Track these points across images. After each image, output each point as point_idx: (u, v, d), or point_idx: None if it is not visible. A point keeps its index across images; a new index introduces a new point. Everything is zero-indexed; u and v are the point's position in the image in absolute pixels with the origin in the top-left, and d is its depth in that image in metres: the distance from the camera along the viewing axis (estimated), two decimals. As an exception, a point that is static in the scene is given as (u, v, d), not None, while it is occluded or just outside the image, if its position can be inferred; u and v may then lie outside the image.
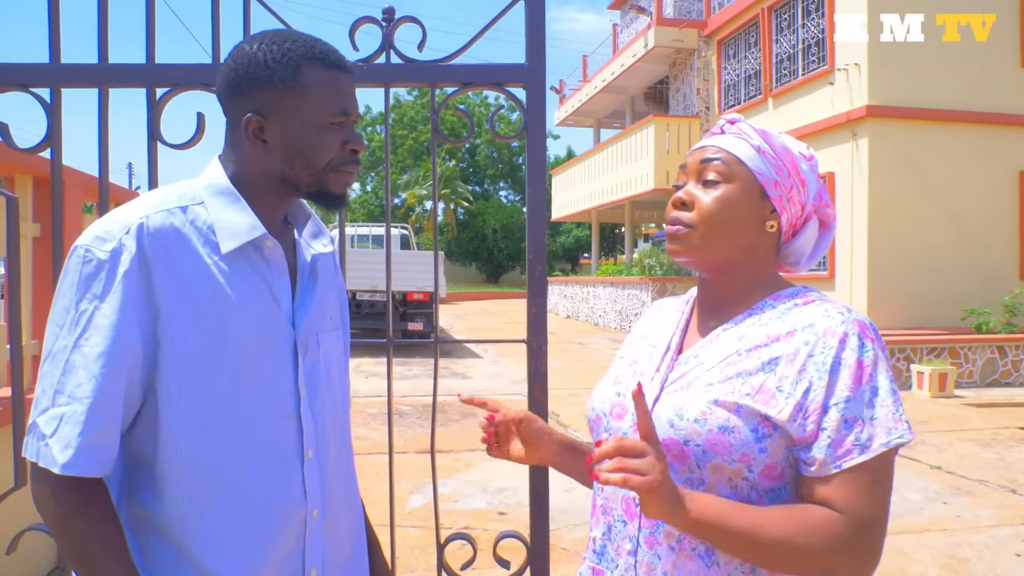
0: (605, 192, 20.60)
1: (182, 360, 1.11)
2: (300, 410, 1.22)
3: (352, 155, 1.22)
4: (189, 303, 1.11)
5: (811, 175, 1.23)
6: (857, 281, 11.68)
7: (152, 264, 1.10)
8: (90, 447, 1.06)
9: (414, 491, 5.23)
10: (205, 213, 1.16)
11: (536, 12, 1.90)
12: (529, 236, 1.93)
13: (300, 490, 1.21)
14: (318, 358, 1.27)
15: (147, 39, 1.85)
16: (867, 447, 1.06)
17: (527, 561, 1.95)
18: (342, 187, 1.23)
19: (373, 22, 1.88)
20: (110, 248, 1.09)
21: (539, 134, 1.92)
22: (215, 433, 1.14)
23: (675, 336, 1.28)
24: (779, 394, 1.10)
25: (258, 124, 1.17)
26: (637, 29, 20.76)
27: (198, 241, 1.14)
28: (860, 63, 11.66)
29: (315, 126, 1.17)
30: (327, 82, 1.18)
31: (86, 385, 1.06)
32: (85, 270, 1.09)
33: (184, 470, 1.13)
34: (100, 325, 1.07)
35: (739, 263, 1.22)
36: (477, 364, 12.34)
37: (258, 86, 1.16)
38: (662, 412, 1.16)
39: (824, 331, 1.11)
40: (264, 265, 1.20)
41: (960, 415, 8.44)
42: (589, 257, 35.62)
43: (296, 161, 1.19)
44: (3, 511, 1.89)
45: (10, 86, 1.81)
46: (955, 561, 4.19)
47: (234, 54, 1.19)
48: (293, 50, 1.17)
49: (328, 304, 1.34)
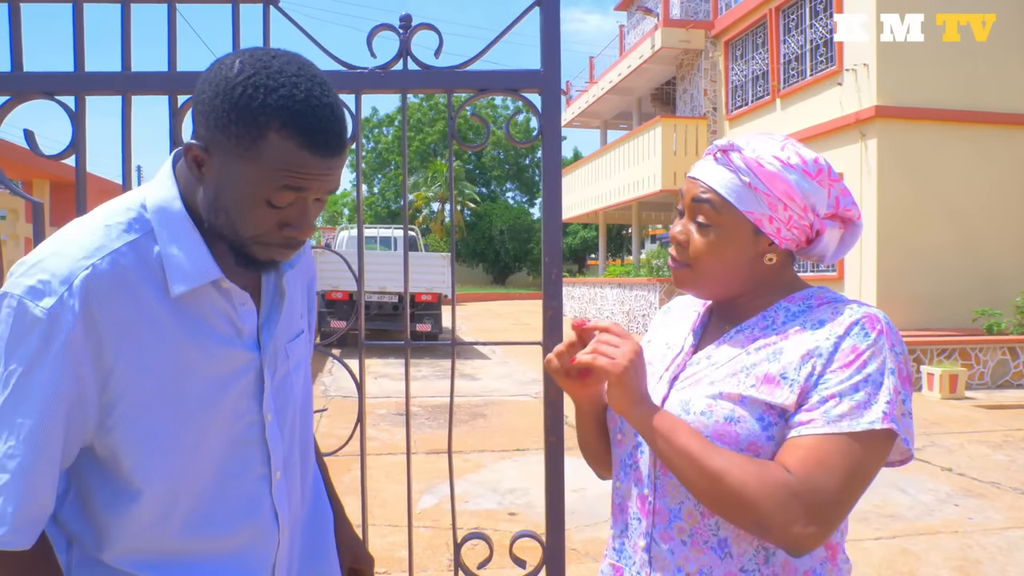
0: (612, 193, 20.59)
1: (140, 413, 1.02)
2: (266, 434, 1.15)
3: (288, 240, 1.04)
4: (143, 354, 1.01)
5: (817, 191, 1.16)
6: (866, 281, 11.66)
7: (99, 321, 0.97)
8: (24, 524, 0.97)
9: (425, 491, 5.25)
10: (156, 250, 1.02)
11: (551, 18, 1.92)
12: (545, 238, 1.95)
13: (271, 516, 1.18)
14: (288, 370, 1.20)
15: (168, 47, 1.88)
16: (834, 422, 1.05)
17: (543, 560, 1.97)
18: (267, 258, 1.06)
19: (391, 29, 1.91)
20: (48, 305, 0.94)
21: (555, 139, 1.94)
22: (181, 481, 1.07)
23: (689, 337, 1.29)
24: (783, 381, 1.10)
25: (198, 157, 1.00)
26: (644, 30, 20.76)
27: (148, 284, 1.01)
28: (869, 63, 11.64)
29: (253, 196, 0.98)
30: (291, 161, 0.96)
31: (20, 457, 0.95)
32: (18, 327, 0.95)
33: (145, 512, 1.06)
34: (32, 392, 0.95)
35: (744, 290, 1.23)
36: (485, 365, 12.36)
37: (215, 119, 0.96)
38: (670, 408, 1.18)
39: (833, 324, 1.12)
40: (223, 299, 1.08)
41: (971, 417, 8.41)
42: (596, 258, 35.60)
43: (219, 216, 1.02)
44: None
45: (36, 94, 1.84)
46: (967, 563, 4.18)
47: (215, 67, 1.00)
48: (272, 105, 0.94)
49: (298, 305, 1.26)
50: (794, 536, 1.03)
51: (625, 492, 1.27)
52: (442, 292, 13.88)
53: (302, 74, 0.97)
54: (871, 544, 4.45)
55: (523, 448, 6.62)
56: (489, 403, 8.80)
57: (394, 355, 10.48)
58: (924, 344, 10.36)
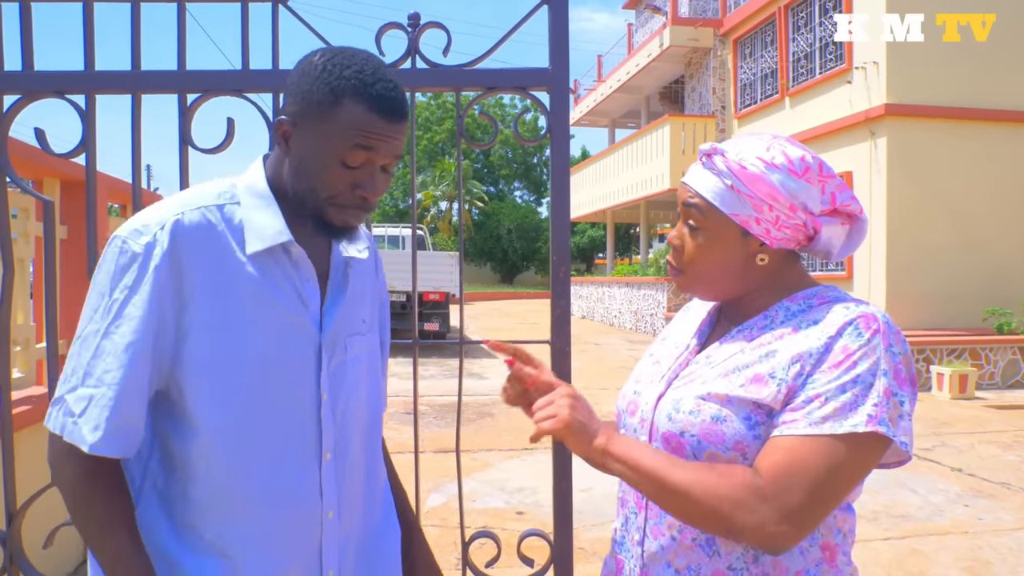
0: (620, 192, 20.57)
1: (205, 354, 1.14)
2: (321, 412, 1.23)
3: (360, 200, 1.19)
4: (216, 299, 1.15)
5: (806, 188, 1.15)
6: (875, 280, 11.61)
7: (183, 260, 1.13)
8: (117, 431, 1.11)
9: (432, 490, 5.26)
10: (239, 213, 1.19)
11: (559, 16, 1.92)
12: (553, 237, 1.95)
13: (316, 490, 1.23)
14: (345, 361, 1.28)
15: (178, 46, 1.88)
16: (816, 424, 1.05)
17: (551, 559, 1.97)
18: (342, 222, 1.20)
19: (399, 28, 1.91)
20: (144, 242, 1.12)
21: (563, 137, 1.94)
22: (233, 426, 1.16)
23: (695, 337, 1.30)
24: (771, 380, 1.10)
25: (286, 130, 1.18)
26: (652, 28, 20.73)
27: (230, 240, 1.17)
28: (879, 61, 11.59)
29: (330, 157, 1.15)
30: (362, 122, 1.13)
31: (114, 372, 1.10)
32: (120, 261, 1.13)
33: (205, 460, 1.16)
34: (130, 315, 1.11)
35: (741, 290, 1.23)
36: (493, 364, 12.37)
37: (301, 94, 1.15)
38: (663, 407, 1.20)
39: (827, 323, 1.11)
40: (292, 268, 1.21)
41: (981, 417, 8.37)
42: (604, 257, 35.58)
43: (301, 180, 1.18)
44: (39, 507, 1.94)
45: (47, 93, 1.85)
46: (977, 564, 4.16)
47: (302, 60, 1.19)
48: (348, 77, 1.13)
49: (361, 307, 1.35)
50: (767, 536, 1.03)
51: (626, 487, 1.28)
52: (450, 291, 13.89)
53: (369, 59, 1.18)
54: (881, 544, 4.43)
55: (531, 447, 6.62)
56: (497, 402, 8.80)
57: (402, 354, 10.50)
58: (934, 344, 10.32)
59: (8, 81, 1.85)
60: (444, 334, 13.98)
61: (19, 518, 1.88)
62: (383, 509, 1.43)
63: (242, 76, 1.90)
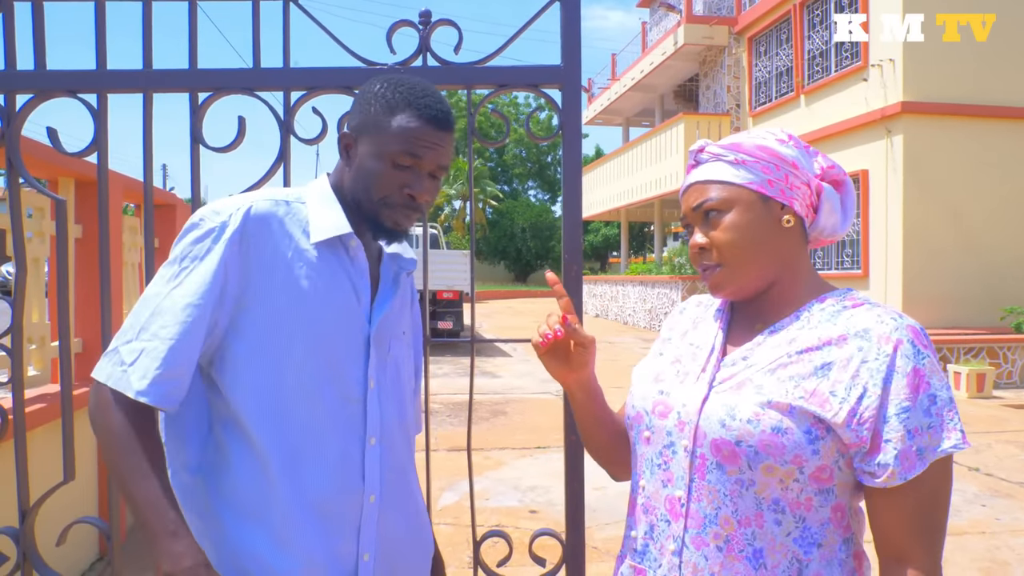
0: (634, 190, 20.51)
1: (263, 327, 1.24)
2: (367, 398, 1.31)
3: (408, 199, 1.31)
4: (277, 278, 1.26)
5: (799, 153, 1.21)
6: (892, 279, 11.52)
7: (252, 239, 1.25)
8: (163, 381, 1.18)
9: (446, 489, 5.26)
10: (305, 210, 1.32)
11: (571, 13, 1.91)
12: (565, 235, 1.94)
13: (359, 471, 1.30)
14: (387, 360, 1.37)
15: (189, 45, 1.89)
16: (925, 457, 1.06)
17: (563, 559, 1.96)
18: (391, 223, 1.32)
19: (410, 25, 1.90)
20: (219, 221, 1.25)
21: (575, 134, 1.93)
22: (282, 396, 1.25)
23: (718, 337, 1.27)
24: (833, 398, 1.08)
25: (349, 142, 1.34)
26: (666, 27, 20.65)
27: (295, 230, 1.29)
28: (895, 59, 11.49)
29: (383, 160, 1.29)
30: (410, 128, 1.28)
31: (170, 328, 1.19)
32: (195, 234, 1.24)
33: (253, 424, 1.24)
34: (193, 281, 1.21)
35: (778, 275, 1.21)
36: (507, 363, 12.37)
37: (362, 111, 1.32)
38: (712, 412, 1.15)
39: (878, 337, 1.09)
40: (349, 261, 1.33)
41: (999, 416, 8.29)
42: (618, 255, 35.48)
43: (359, 184, 1.32)
44: (52, 504, 1.95)
45: (59, 92, 1.86)
46: (995, 565, 4.12)
47: (366, 83, 1.37)
48: (402, 93, 1.30)
49: (403, 319, 1.46)
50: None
51: (652, 492, 1.23)
52: (463, 290, 13.91)
53: (422, 82, 1.36)
54: (896, 545, 4.38)
55: (544, 446, 6.61)
56: (510, 400, 8.81)
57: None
58: (951, 343, 10.23)
59: (20, 80, 1.85)
60: (458, 332, 14.00)
61: (32, 515, 1.89)
62: (420, 512, 1.48)
63: (253, 74, 1.90)
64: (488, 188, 43.06)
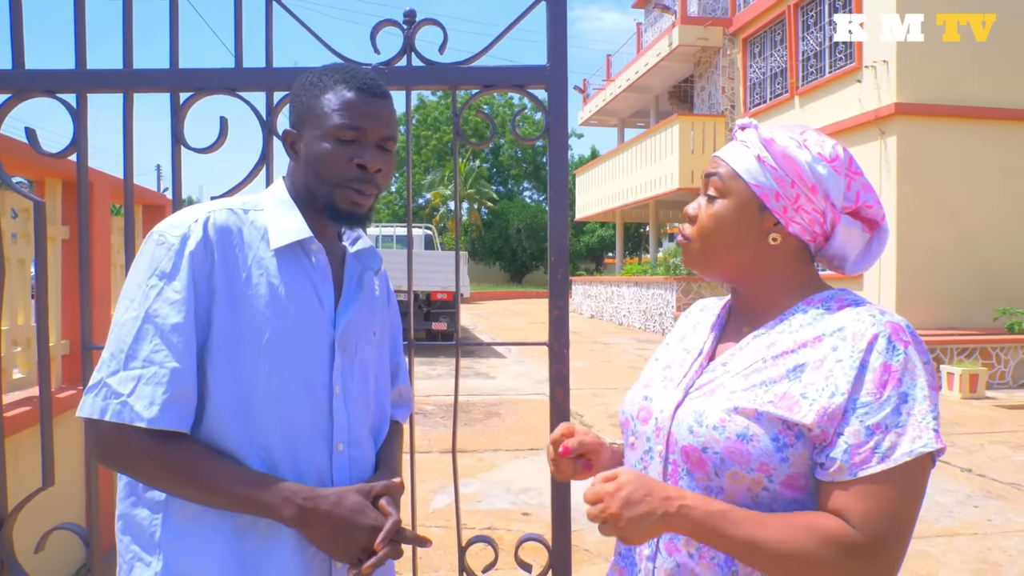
0: (629, 191, 20.50)
1: (230, 338, 1.22)
2: (333, 404, 1.29)
3: (359, 170, 1.28)
4: (241, 288, 1.23)
5: (834, 177, 1.13)
6: (886, 280, 11.52)
7: (214, 251, 1.23)
8: (174, 404, 1.16)
9: (438, 491, 5.23)
10: (262, 217, 1.30)
11: (557, 13, 1.89)
12: (551, 237, 1.92)
13: (327, 475, 1.28)
14: (353, 364, 1.35)
15: (171, 44, 1.86)
16: (888, 456, 1.00)
17: (548, 564, 1.94)
18: (348, 204, 1.29)
19: (394, 25, 1.89)
20: (179, 234, 1.22)
21: (561, 135, 1.91)
22: (255, 408, 1.22)
23: (708, 342, 1.25)
24: (803, 400, 1.05)
25: (293, 138, 1.32)
26: (661, 28, 20.65)
27: (253, 239, 1.27)
28: (888, 60, 11.50)
29: (326, 139, 1.27)
30: (345, 101, 1.27)
31: (164, 351, 1.16)
32: (158, 252, 1.21)
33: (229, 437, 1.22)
34: (170, 299, 1.19)
35: (747, 274, 1.19)
36: (501, 364, 12.35)
37: (297, 104, 1.31)
38: (683, 418, 1.14)
39: (853, 334, 1.06)
40: (310, 267, 1.31)
41: (992, 417, 8.29)
42: (613, 257, 35.49)
43: (310, 173, 1.29)
44: (37, 510, 1.92)
45: (37, 92, 1.83)
46: (986, 566, 4.11)
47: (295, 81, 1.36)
48: (328, 75, 1.30)
49: (372, 320, 1.42)
50: None
51: None
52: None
53: (350, 64, 1.39)
54: (889, 547, 4.38)
55: (538, 447, 6.59)
56: (504, 402, 8.79)
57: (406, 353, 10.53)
58: (944, 343, 10.23)
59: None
60: (452, 333, 13.98)
61: (11, 521, 1.86)
62: None
63: (235, 74, 1.88)
64: (484, 189, 43.06)
